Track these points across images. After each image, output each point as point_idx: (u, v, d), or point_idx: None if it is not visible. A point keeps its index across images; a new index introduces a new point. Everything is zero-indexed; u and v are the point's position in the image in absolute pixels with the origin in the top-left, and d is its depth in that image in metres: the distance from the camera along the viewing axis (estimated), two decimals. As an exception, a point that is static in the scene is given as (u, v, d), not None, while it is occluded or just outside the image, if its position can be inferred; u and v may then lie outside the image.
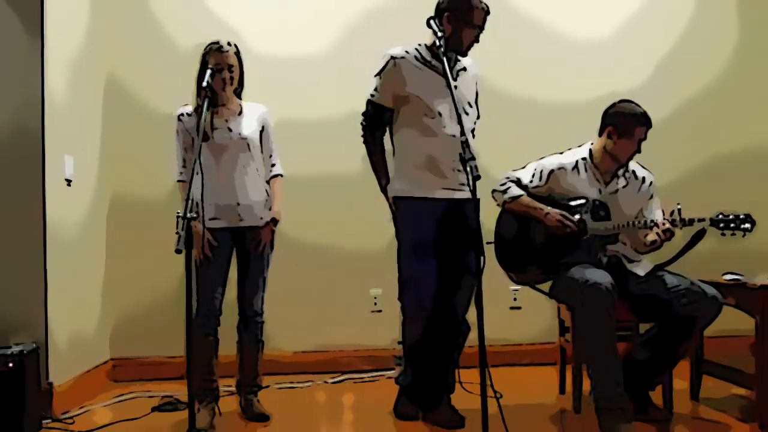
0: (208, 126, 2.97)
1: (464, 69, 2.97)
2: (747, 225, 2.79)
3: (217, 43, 3.02)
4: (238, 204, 3.02)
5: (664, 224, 2.86)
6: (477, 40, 2.90)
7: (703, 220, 2.83)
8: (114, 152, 4.07)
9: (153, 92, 4.10)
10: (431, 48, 2.91)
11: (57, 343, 3.27)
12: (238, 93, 3.14)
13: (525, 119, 4.20)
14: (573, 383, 3.11)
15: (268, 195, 3.13)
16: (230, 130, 3.03)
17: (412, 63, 2.89)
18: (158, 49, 4.12)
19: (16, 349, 2.88)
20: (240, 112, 3.10)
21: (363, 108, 3.03)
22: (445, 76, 2.44)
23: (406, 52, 2.91)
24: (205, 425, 2.92)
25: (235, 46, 3.07)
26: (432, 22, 2.70)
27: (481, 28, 2.89)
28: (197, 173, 2.98)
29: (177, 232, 2.45)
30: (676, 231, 2.87)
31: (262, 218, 3.08)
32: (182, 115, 3.07)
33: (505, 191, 3.10)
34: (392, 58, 2.90)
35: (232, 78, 3.03)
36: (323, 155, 4.16)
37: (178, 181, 3.07)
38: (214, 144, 3.00)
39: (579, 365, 3.06)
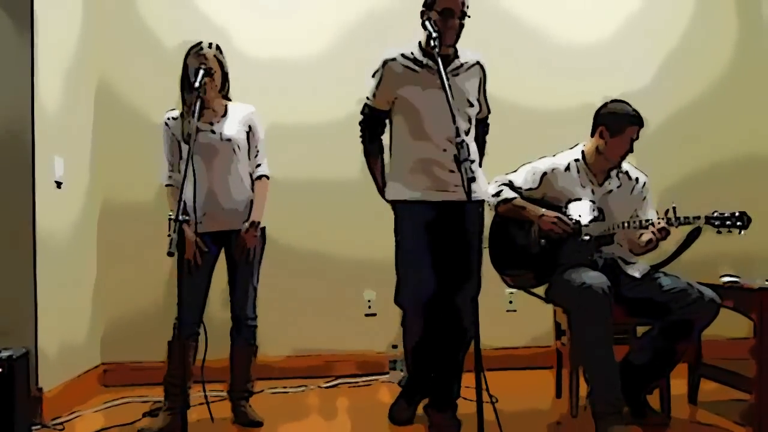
0: (193, 129, 2.90)
1: (462, 65, 2.88)
2: (742, 222, 2.79)
3: (199, 44, 2.98)
4: (223, 208, 2.98)
5: (659, 223, 2.85)
6: (461, 27, 2.78)
7: (699, 218, 2.84)
8: (105, 156, 4.03)
9: (145, 96, 4.05)
10: (424, 48, 2.87)
11: (47, 347, 3.23)
12: (224, 94, 3.08)
13: (522, 125, 4.17)
14: (569, 387, 3.08)
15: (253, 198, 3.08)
16: (214, 132, 2.99)
17: (405, 65, 2.85)
18: (150, 53, 4.08)
19: (5, 354, 2.82)
20: (224, 114, 3.05)
21: (360, 111, 3.01)
22: (440, 75, 2.38)
23: (401, 54, 2.87)
24: (155, 428, 2.90)
25: (217, 46, 3.02)
26: (427, 23, 2.69)
27: (461, 14, 2.76)
28: (188, 178, 2.95)
29: (169, 235, 2.43)
30: (672, 230, 2.86)
31: (246, 221, 3.04)
32: (169, 119, 3.03)
33: (497, 194, 3.08)
34: (385, 61, 2.88)
35: (212, 80, 2.96)
36: (318, 159, 4.14)
37: (167, 185, 3.04)
38: (198, 146, 2.94)
39: (575, 369, 3.04)
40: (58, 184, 3.44)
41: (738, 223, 2.79)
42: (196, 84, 2.76)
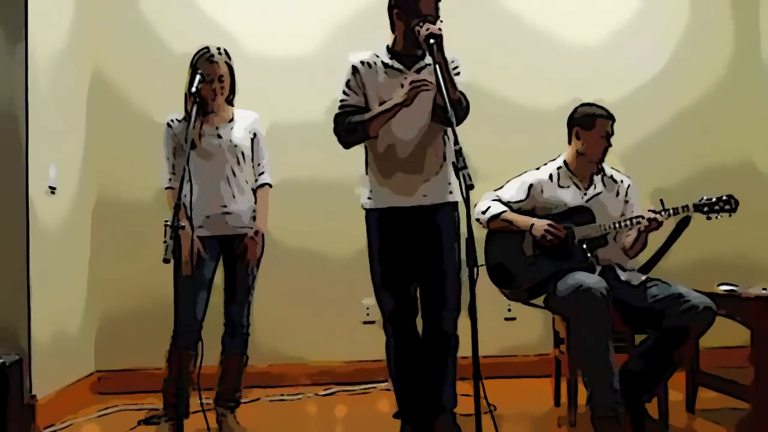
0: (196, 133, 2.93)
1: (429, 64, 2.69)
2: (730, 206, 2.86)
3: (208, 50, 2.96)
4: (226, 212, 2.98)
5: (649, 214, 2.89)
6: None
7: (687, 207, 2.89)
8: (98, 156, 4.03)
9: (139, 94, 4.06)
10: (391, 49, 2.80)
11: (40, 354, 3.20)
12: (230, 100, 3.09)
13: (516, 126, 4.16)
14: (568, 395, 3.07)
15: (255, 204, 3.08)
16: (219, 137, 2.99)
17: (372, 69, 2.77)
18: (147, 50, 4.09)
19: (-3, 360, 2.82)
20: (231, 120, 3.06)
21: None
22: (436, 76, 2.35)
23: (368, 58, 2.78)
24: None
25: (226, 53, 3.01)
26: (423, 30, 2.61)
27: (436, 17, 2.68)
28: (187, 180, 2.89)
29: (165, 241, 2.41)
30: (662, 220, 2.88)
31: (249, 227, 3.03)
32: (171, 121, 3.03)
33: (485, 211, 3.08)
34: (352, 66, 2.79)
35: (222, 87, 2.98)
36: (319, 162, 4.09)
37: (167, 188, 3.03)
38: (202, 151, 2.95)
39: (574, 377, 3.04)
40: (52, 190, 3.42)
41: (726, 207, 2.87)
42: (193, 89, 2.76)
